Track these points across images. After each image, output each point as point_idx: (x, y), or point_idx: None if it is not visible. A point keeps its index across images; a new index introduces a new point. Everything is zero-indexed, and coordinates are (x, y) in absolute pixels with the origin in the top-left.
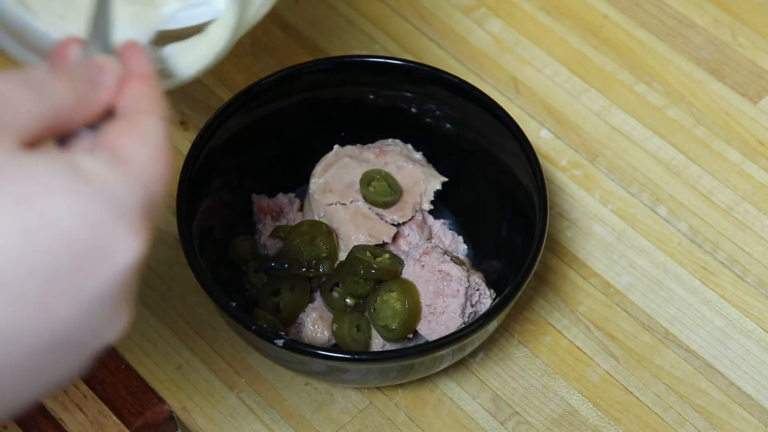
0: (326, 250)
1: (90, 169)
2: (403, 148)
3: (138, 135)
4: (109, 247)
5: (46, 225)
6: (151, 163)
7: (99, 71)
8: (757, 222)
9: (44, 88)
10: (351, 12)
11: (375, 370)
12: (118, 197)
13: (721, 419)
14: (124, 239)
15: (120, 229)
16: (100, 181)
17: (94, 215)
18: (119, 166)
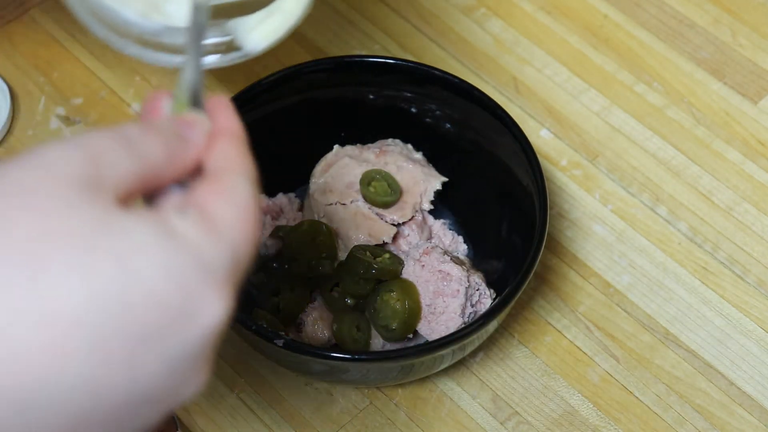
0: (326, 250)
1: (181, 229)
2: (403, 148)
3: (225, 195)
4: (197, 308)
5: (139, 284)
6: (238, 224)
7: (188, 127)
8: (757, 222)
9: (137, 145)
10: (351, 12)
11: (375, 370)
12: (207, 259)
13: (721, 419)
14: (211, 301)
15: (207, 291)
16: (190, 241)
17: (185, 276)
18: (208, 227)
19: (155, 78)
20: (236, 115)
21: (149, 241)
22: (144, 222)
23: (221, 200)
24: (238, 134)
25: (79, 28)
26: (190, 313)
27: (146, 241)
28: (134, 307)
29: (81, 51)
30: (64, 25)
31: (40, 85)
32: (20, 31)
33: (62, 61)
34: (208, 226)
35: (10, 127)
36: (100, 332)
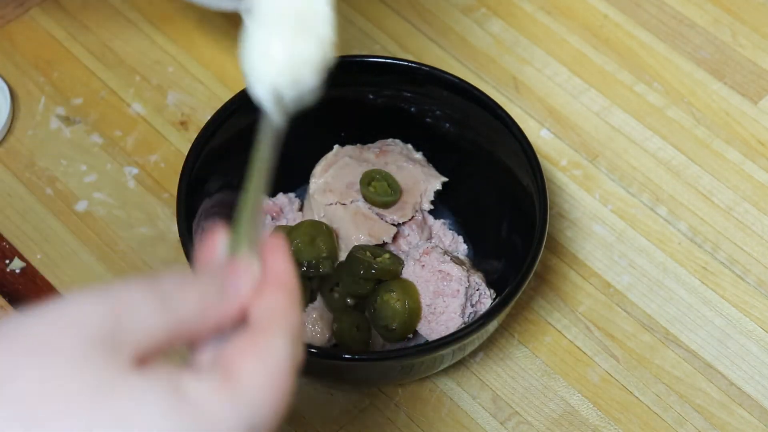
0: (326, 250)
1: (193, 393)
2: (403, 148)
3: (258, 357)
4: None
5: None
6: (264, 389)
7: (235, 277)
8: (757, 222)
9: (170, 300)
10: (351, 12)
11: (375, 370)
12: (213, 424)
13: (721, 419)
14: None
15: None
16: (199, 407)
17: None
18: (226, 391)
19: (155, 78)
20: (290, 262)
21: (154, 407)
22: (153, 386)
23: (252, 362)
24: (288, 284)
25: (79, 28)
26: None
27: (150, 407)
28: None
29: (81, 51)
30: (64, 25)
31: (40, 85)
32: (20, 31)
33: (62, 61)
34: (228, 389)
35: (10, 127)
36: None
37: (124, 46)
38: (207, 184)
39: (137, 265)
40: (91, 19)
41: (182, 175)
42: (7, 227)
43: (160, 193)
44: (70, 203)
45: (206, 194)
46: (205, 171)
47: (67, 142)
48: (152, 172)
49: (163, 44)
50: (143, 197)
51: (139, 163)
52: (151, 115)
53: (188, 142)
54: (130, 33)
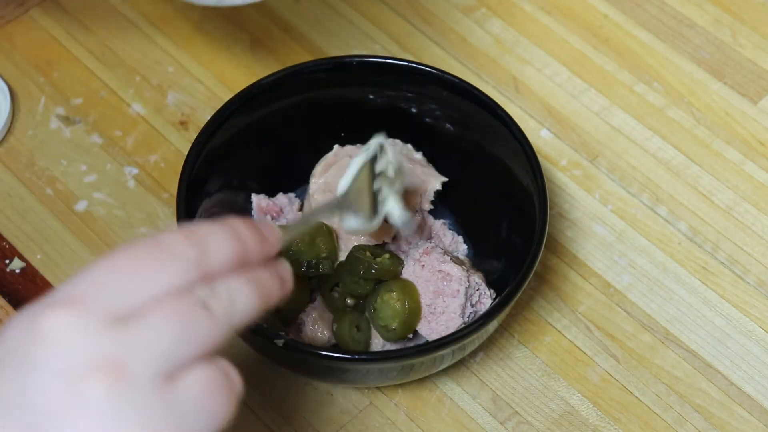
0: (326, 250)
1: None
2: (403, 149)
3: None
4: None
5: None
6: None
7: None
8: (757, 222)
9: (239, 234)
10: (351, 12)
11: (375, 370)
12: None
13: (721, 419)
14: None
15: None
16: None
17: None
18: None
19: (155, 78)
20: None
21: None
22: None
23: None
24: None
25: (79, 28)
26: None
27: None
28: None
29: (81, 51)
30: (64, 25)
31: (40, 85)
32: (20, 31)
33: (62, 61)
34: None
35: (10, 127)
36: None
37: (124, 46)
38: (207, 184)
39: None
40: (91, 19)
41: (182, 175)
42: (7, 227)
43: (160, 193)
44: (70, 203)
45: (206, 194)
46: (205, 171)
47: (67, 142)
48: (152, 172)
49: (163, 44)
50: (143, 197)
51: (139, 163)
52: (151, 115)
53: (188, 142)
54: (130, 33)
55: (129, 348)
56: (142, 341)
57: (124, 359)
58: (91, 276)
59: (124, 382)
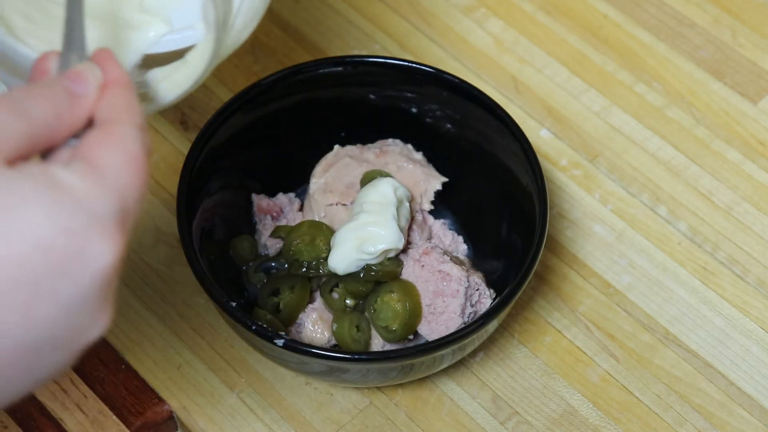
0: (326, 250)
1: (66, 180)
2: (403, 149)
3: (112, 145)
4: (85, 253)
5: (24, 234)
6: (124, 171)
7: (80, 81)
8: (757, 222)
9: (25, 107)
10: (351, 12)
11: (375, 370)
12: (92, 206)
13: (721, 419)
14: (99, 245)
15: (95, 236)
16: (74, 191)
17: (69, 224)
18: (93, 176)
19: None
20: (119, 65)
21: (33, 194)
22: (28, 177)
23: (108, 149)
24: (125, 84)
25: None
26: (80, 258)
27: (30, 194)
28: (21, 257)
29: None
30: None
31: None
32: None
33: None
34: (94, 174)
35: None
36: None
37: None
38: (207, 184)
39: (137, 265)
40: None
41: (182, 175)
42: None
43: (160, 193)
44: None
45: (206, 194)
46: (205, 171)
47: None
48: (152, 172)
49: None
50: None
51: None
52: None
53: (188, 142)
54: None
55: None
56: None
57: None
58: None
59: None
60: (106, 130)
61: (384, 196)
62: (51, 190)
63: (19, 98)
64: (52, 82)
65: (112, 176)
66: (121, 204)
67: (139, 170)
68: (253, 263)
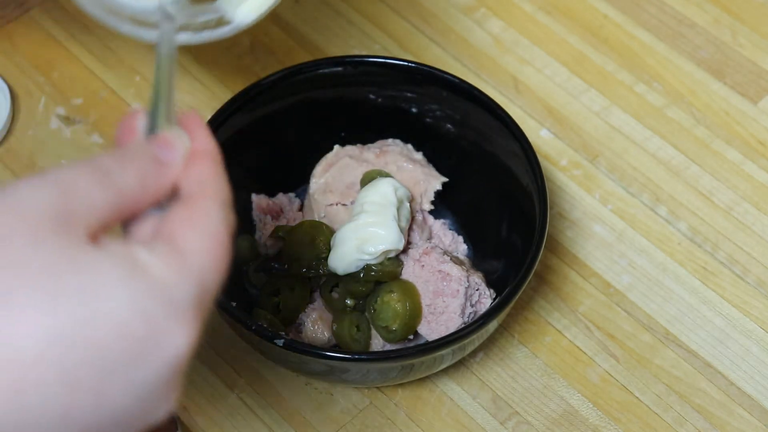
0: (326, 250)
1: (147, 264)
2: (403, 149)
3: (197, 225)
4: (161, 339)
5: (103, 317)
6: (206, 255)
7: (167, 149)
8: (757, 222)
9: (112, 176)
10: (351, 12)
11: (375, 370)
12: (171, 291)
13: (721, 419)
14: (175, 332)
15: (172, 323)
16: (155, 276)
17: (148, 309)
18: (175, 260)
19: None
20: (209, 133)
21: (115, 277)
22: (111, 258)
23: (192, 230)
24: (213, 155)
25: (79, 28)
26: (155, 345)
27: (112, 277)
28: (99, 341)
29: (81, 51)
30: (64, 25)
31: (40, 85)
32: (20, 31)
33: (62, 61)
34: (176, 258)
35: (10, 127)
36: (64, 365)
37: (124, 46)
38: None
39: None
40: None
41: None
42: None
43: None
44: None
45: None
46: None
47: (67, 142)
48: None
49: None
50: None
51: None
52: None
53: None
54: None
55: None
56: None
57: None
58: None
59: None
60: (192, 208)
61: (384, 197)
62: (132, 274)
63: (108, 166)
64: (140, 149)
65: (194, 260)
66: (200, 288)
67: (221, 253)
68: (253, 263)
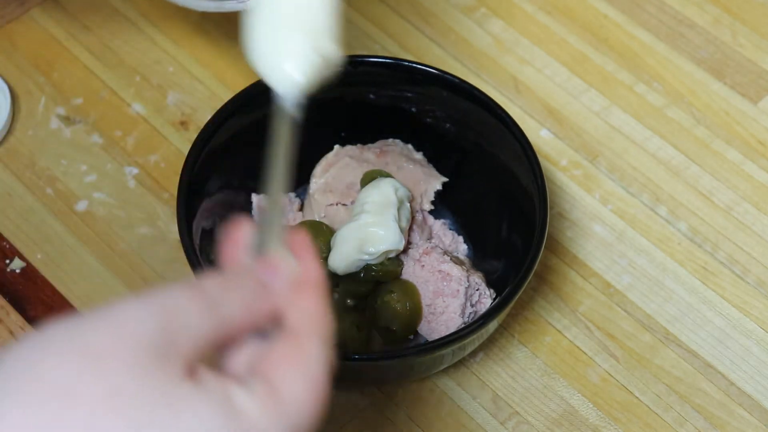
0: (326, 251)
1: (242, 405)
2: (403, 149)
3: (297, 366)
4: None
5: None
6: (303, 399)
7: (273, 273)
8: (757, 222)
9: (216, 304)
10: (351, 12)
11: (375, 370)
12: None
13: (721, 419)
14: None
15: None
16: (248, 418)
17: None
18: (271, 402)
19: (155, 78)
20: (317, 260)
21: (208, 417)
22: (206, 396)
23: (292, 371)
24: (320, 285)
25: (79, 28)
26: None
27: (205, 417)
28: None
29: (81, 51)
30: (64, 25)
31: (40, 85)
32: (20, 31)
33: (62, 61)
34: (273, 401)
35: (11, 127)
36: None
37: (124, 46)
38: (207, 184)
39: (137, 265)
40: (91, 19)
41: (182, 175)
42: (7, 227)
43: (160, 193)
44: (70, 203)
45: (206, 194)
46: (205, 171)
47: (67, 142)
48: (152, 172)
49: (163, 44)
50: (143, 197)
51: (139, 163)
52: (151, 115)
53: (188, 142)
54: (130, 33)
55: None
56: None
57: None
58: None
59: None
60: (293, 346)
61: (385, 197)
62: (226, 417)
63: (213, 293)
64: (246, 275)
65: (290, 404)
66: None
67: (318, 397)
68: None
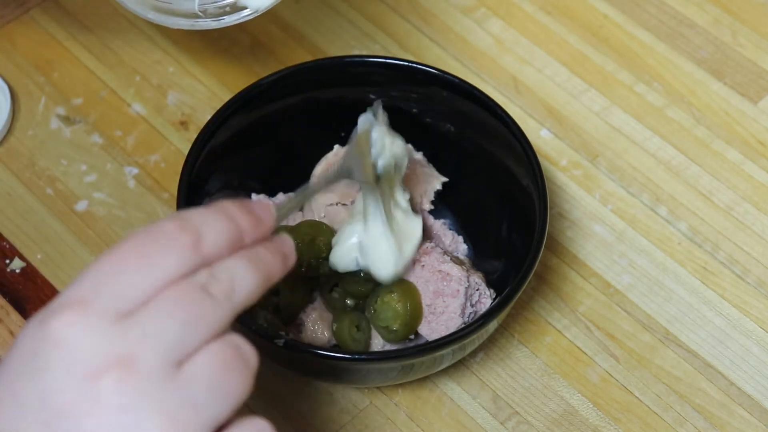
0: (326, 250)
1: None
2: None
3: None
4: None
5: None
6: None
7: (266, 211)
8: (757, 222)
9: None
10: (351, 12)
11: (375, 370)
12: None
13: (721, 419)
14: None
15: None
16: None
17: None
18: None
19: (156, 78)
20: (293, 254)
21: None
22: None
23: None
24: (286, 257)
25: (79, 28)
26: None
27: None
28: None
29: (81, 51)
30: (64, 25)
31: (40, 85)
32: (20, 31)
33: (62, 61)
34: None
35: (11, 127)
36: None
37: (124, 46)
38: (207, 184)
39: None
40: (91, 19)
41: (182, 175)
42: (7, 227)
43: (160, 193)
44: (70, 203)
45: (206, 194)
46: (205, 171)
47: (67, 142)
48: (152, 172)
49: (163, 44)
50: (143, 197)
51: (139, 163)
52: (151, 115)
53: (188, 142)
54: (130, 33)
55: (136, 342)
56: (148, 333)
57: (132, 353)
58: (92, 275)
59: (135, 376)
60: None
61: None
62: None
63: (195, 218)
64: (243, 205)
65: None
66: None
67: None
68: None
